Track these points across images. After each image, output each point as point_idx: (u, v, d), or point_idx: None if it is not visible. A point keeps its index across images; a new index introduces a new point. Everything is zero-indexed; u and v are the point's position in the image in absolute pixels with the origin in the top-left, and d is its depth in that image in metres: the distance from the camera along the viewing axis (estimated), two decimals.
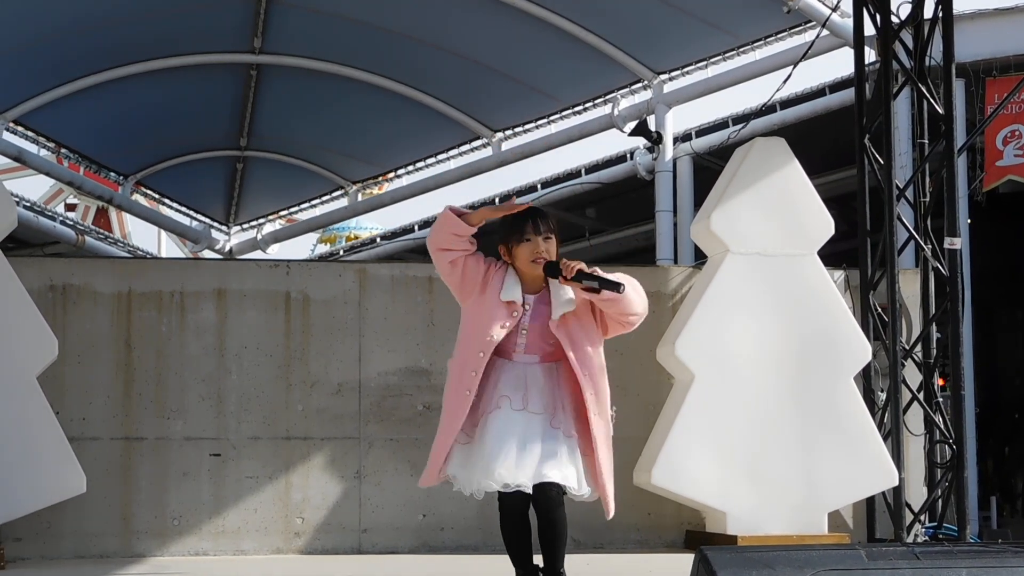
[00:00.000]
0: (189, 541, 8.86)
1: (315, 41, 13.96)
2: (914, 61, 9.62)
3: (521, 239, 5.85)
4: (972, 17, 13.29)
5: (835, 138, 13.58)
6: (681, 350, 8.81)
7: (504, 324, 5.77)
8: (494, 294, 5.82)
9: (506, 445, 5.66)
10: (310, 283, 9.18)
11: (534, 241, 5.85)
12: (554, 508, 5.69)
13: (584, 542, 8.85)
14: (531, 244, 5.85)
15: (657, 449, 8.72)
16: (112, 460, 8.81)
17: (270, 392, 9.04)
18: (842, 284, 9.62)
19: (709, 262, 9.34)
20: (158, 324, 8.98)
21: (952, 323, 9.36)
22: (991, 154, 14.08)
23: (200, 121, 15.95)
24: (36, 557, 8.61)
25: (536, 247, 5.84)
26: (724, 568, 4.64)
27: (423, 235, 20.26)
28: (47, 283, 8.86)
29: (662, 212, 14.89)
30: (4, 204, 8.39)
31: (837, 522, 9.21)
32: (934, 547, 5.03)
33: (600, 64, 13.63)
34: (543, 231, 5.88)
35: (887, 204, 9.29)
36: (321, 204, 18.62)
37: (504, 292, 5.81)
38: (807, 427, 8.87)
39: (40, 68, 13.89)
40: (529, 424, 5.72)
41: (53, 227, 18.26)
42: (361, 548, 9.01)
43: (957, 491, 9.19)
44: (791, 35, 12.89)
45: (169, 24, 13.45)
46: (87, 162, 16.81)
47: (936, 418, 9.41)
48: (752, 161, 9.16)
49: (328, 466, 9.04)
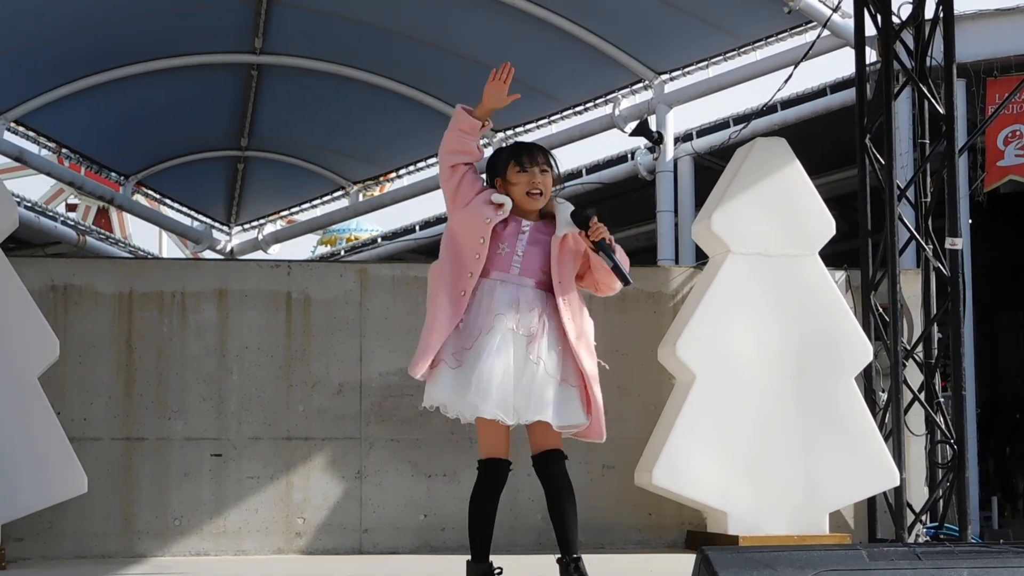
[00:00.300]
0: (190, 541, 8.86)
1: (316, 41, 13.97)
2: (915, 61, 9.62)
3: (517, 169, 5.86)
4: (973, 17, 13.29)
5: (836, 138, 13.58)
6: (682, 350, 8.80)
7: (485, 238, 5.75)
8: (484, 207, 5.80)
9: (501, 373, 5.63)
10: (311, 283, 9.18)
11: (530, 172, 5.88)
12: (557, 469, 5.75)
13: (584, 542, 8.81)
14: (527, 175, 5.87)
15: (658, 449, 8.72)
16: (113, 460, 8.81)
17: (271, 392, 9.04)
18: (843, 284, 9.62)
19: (710, 262, 9.33)
20: (159, 324, 8.99)
21: (953, 323, 9.36)
22: (992, 154, 14.08)
23: (201, 121, 15.96)
24: (37, 557, 8.61)
25: (533, 178, 5.87)
26: (725, 568, 4.64)
27: (424, 235, 20.27)
28: (48, 283, 8.86)
29: (663, 212, 14.89)
30: (5, 204, 8.39)
31: (838, 522, 9.21)
32: (935, 547, 5.03)
33: (601, 64, 13.64)
34: (540, 162, 5.91)
35: (888, 204, 9.29)
36: (322, 204, 18.64)
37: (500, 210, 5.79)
38: (808, 427, 8.87)
39: (41, 68, 13.90)
40: (520, 349, 5.69)
41: (54, 227, 18.27)
42: (362, 548, 9.01)
43: (958, 491, 9.19)
44: (792, 35, 12.89)
45: (170, 24, 13.45)
46: (88, 162, 16.82)
47: (937, 418, 9.41)
48: (753, 161, 9.16)
49: (329, 466, 9.04)
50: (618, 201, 18.18)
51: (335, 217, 19.01)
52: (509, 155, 5.96)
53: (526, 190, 5.86)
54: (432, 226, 20.39)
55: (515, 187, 5.88)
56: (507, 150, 6.01)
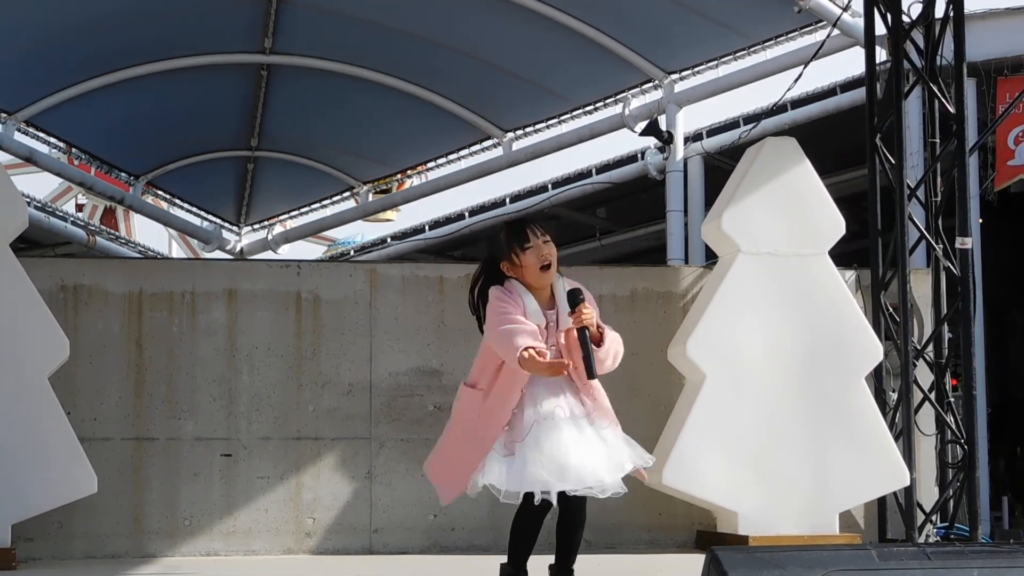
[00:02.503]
0: (200, 541, 8.87)
1: (325, 41, 13.97)
2: (925, 60, 9.60)
3: (524, 247, 5.96)
4: (983, 16, 13.29)
5: (846, 138, 13.57)
6: (692, 350, 8.80)
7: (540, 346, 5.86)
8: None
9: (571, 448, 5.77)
10: (321, 283, 9.19)
11: (536, 246, 5.97)
12: (583, 507, 5.91)
13: (595, 542, 8.84)
14: (535, 249, 5.97)
15: (668, 449, 8.71)
16: (123, 460, 8.83)
17: (281, 392, 9.05)
18: (853, 284, 9.61)
19: (720, 262, 9.33)
20: (169, 324, 8.99)
21: (963, 323, 9.34)
22: (1002, 153, 14.08)
23: (211, 121, 15.97)
24: (47, 557, 8.62)
25: (540, 251, 5.97)
26: (735, 568, 4.63)
27: (433, 235, 20.30)
28: (58, 283, 8.88)
29: (673, 212, 14.90)
30: (15, 204, 8.40)
31: (848, 522, 9.20)
32: (946, 547, 5.02)
33: (611, 64, 13.63)
34: (540, 235, 6.01)
35: (898, 204, 9.28)
36: (332, 204, 18.65)
37: (531, 317, 5.91)
38: (818, 427, 8.86)
39: (51, 68, 13.91)
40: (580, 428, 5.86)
41: (64, 228, 18.31)
42: (372, 548, 9.01)
43: (969, 491, 9.18)
44: (802, 35, 12.88)
45: (179, 24, 13.46)
46: (98, 162, 16.83)
47: (948, 418, 9.40)
48: (763, 161, 9.15)
49: (339, 466, 9.04)
50: (628, 201, 18.22)
51: (345, 217, 19.01)
52: (507, 240, 6.02)
53: (538, 265, 5.96)
54: (441, 226, 20.42)
55: (526, 268, 5.98)
56: (508, 232, 6.06)
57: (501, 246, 6.05)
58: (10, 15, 12.61)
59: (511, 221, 6.17)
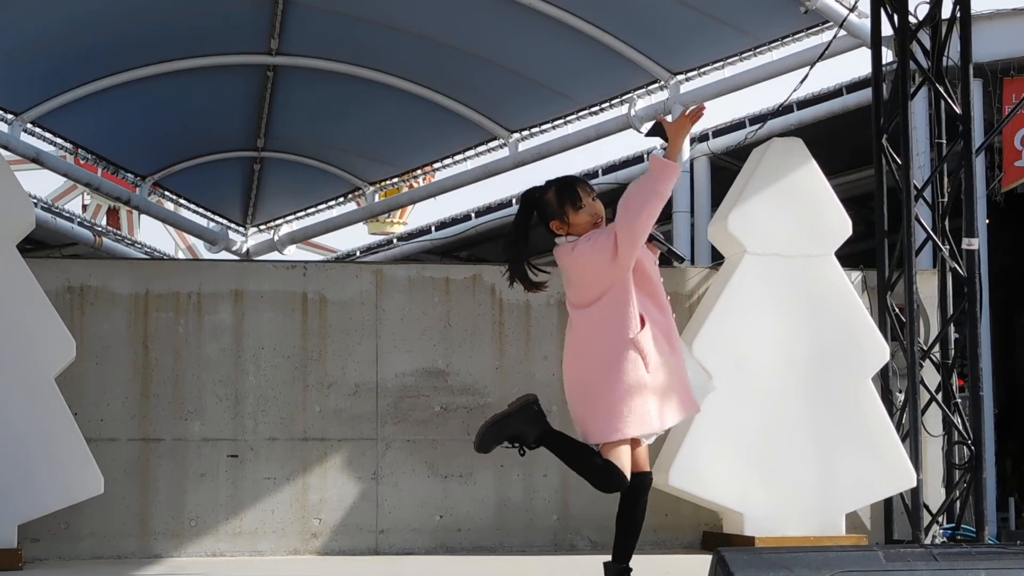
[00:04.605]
0: (206, 542, 8.87)
1: (332, 42, 13.98)
2: (931, 61, 9.60)
3: (576, 207, 6.08)
4: (990, 17, 13.27)
5: (852, 138, 13.57)
6: (698, 351, 8.79)
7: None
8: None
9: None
10: (327, 284, 9.19)
11: (588, 204, 6.10)
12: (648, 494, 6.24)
13: (601, 543, 8.84)
14: (588, 208, 6.10)
15: (674, 450, 8.72)
16: (130, 461, 8.83)
17: (287, 393, 9.05)
18: (859, 285, 9.60)
19: (726, 263, 9.32)
20: (175, 325, 9.00)
21: (970, 324, 9.34)
22: (1009, 154, 14.06)
23: (217, 122, 15.99)
24: (54, 558, 8.63)
25: (594, 208, 6.12)
26: (741, 569, 4.64)
27: (440, 236, 20.30)
28: (65, 284, 8.88)
29: (679, 213, 14.90)
30: (22, 205, 8.41)
31: (855, 523, 9.19)
32: (952, 548, 5.02)
33: (616, 64, 13.63)
34: (590, 191, 6.17)
35: (905, 204, 9.28)
36: (338, 205, 18.66)
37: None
38: (825, 428, 8.86)
39: (57, 69, 13.93)
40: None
41: (71, 228, 18.33)
42: (378, 549, 9.01)
43: (975, 492, 9.17)
44: (808, 35, 12.87)
45: (185, 25, 13.47)
46: (104, 163, 16.85)
47: (954, 419, 9.39)
48: (769, 161, 9.15)
49: (345, 467, 9.04)
50: None
51: (351, 218, 19.02)
52: (558, 201, 6.11)
53: (592, 224, 6.11)
54: (447, 227, 20.42)
55: (579, 225, 6.11)
56: (556, 196, 6.13)
57: (550, 207, 6.11)
58: (16, 16, 12.63)
59: (560, 182, 6.17)
